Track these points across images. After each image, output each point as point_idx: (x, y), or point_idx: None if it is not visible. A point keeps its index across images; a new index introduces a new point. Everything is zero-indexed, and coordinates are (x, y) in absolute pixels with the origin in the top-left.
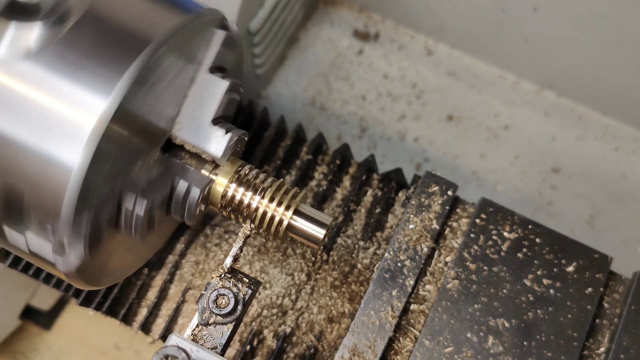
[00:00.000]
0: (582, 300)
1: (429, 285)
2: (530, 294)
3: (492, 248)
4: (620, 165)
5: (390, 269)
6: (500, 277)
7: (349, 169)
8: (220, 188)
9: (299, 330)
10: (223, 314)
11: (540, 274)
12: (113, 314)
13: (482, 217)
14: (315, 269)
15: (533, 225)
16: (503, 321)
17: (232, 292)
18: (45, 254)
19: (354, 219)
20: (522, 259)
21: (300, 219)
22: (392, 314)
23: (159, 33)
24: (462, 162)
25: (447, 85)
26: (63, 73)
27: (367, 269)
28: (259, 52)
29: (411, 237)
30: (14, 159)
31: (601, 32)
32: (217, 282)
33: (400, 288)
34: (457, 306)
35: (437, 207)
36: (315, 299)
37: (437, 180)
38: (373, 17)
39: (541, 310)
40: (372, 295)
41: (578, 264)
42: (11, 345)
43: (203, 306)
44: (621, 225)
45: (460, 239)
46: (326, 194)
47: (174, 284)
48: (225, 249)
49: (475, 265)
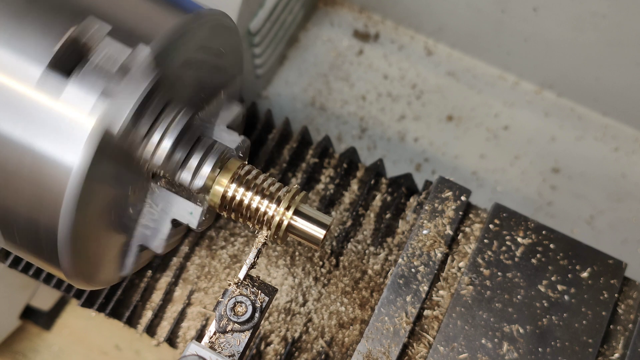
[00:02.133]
0: (596, 306)
1: (442, 291)
2: (544, 300)
3: (506, 254)
4: (620, 166)
5: (404, 274)
6: (514, 283)
7: (357, 172)
8: (220, 188)
9: (308, 335)
10: (241, 322)
11: (555, 279)
12: (117, 315)
13: (495, 222)
14: (324, 274)
15: (547, 231)
16: (518, 327)
17: (250, 299)
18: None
19: (363, 223)
20: (536, 264)
21: (300, 219)
22: (407, 320)
23: (159, 33)
24: (462, 162)
25: (447, 85)
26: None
27: (378, 275)
28: (259, 53)
29: (425, 242)
30: (13, 158)
31: (601, 32)
32: (234, 289)
33: (414, 294)
34: (471, 312)
35: (450, 213)
36: (325, 305)
37: (451, 185)
38: (373, 17)
39: (556, 316)
40: (386, 301)
41: (592, 270)
42: (11, 346)
43: (220, 314)
44: (621, 226)
45: (473, 244)
46: (333, 198)
47: (178, 287)
48: (231, 252)
49: (489, 271)
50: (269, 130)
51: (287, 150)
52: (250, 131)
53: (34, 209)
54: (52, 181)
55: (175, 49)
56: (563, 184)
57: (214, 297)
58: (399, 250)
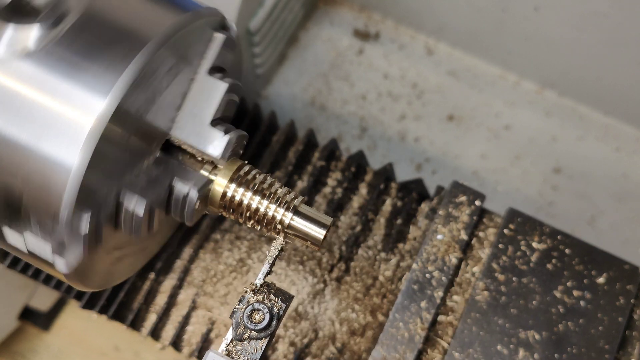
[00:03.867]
0: (613, 312)
1: (457, 296)
2: (560, 306)
3: (521, 259)
4: (622, 166)
5: (419, 280)
6: (529, 289)
7: (365, 176)
8: (219, 188)
9: (318, 341)
10: (258, 329)
11: (571, 285)
12: (120, 318)
13: (510, 227)
14: (334, 279)
15: (562, 236)
16: (533, 333)
17: (267, 306)
18: (44, 255)
19: (373, 228)
20: (552, 270)
21: (300, 219)
22: (422, 326)
23: (158, 32)
24: (463, 162)
25: (447, 85)
26: (62, 72)
27: (390, 281)
28: (259, 52)
29: (439, 247)
30: (13, 158)
31: (602, 31)
32: (251, 296)
33: (429, 299)
34: (487, 318)
35: (465, 218)
36: (336, 311)
37: (465, 190)
38: (373, 16)
39: (572, 322)
40: (400, 307)
41: (608, 275)
42: (10, 346)
43: (237, 321)
44: (622, 226)
45: (487, 249)
46: (342, 202)
47: (183, 289)
48: (237, 256)
49: (504, 276)
50: (272, 132)
51: (293, 153)
52: (252, 133)
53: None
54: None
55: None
56: (564, 184)
57: (220, 301)
58: (411, 256)
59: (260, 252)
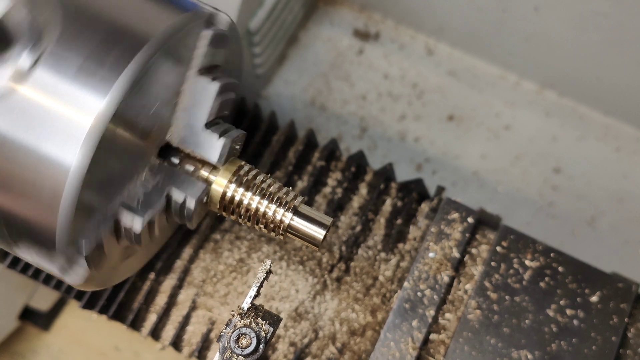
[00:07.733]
0: (606, 331)
1: (449, 314)
2: (553, 325)
3: (514, 277)
4: (622, 166)
5: (410, 298)
6: (522, 307)
7: (365, 176)
8: (219, 188)
9: (318, 341)
10: (245, 355)
11: (564, 303)
12: (120, 318)
13: (503, 245)
14: (333, 278)
15: (555, 254)
16: (526, 353)
17: (254, 330)
18: (53, 273)
19: (373, 228)
20: (545, 288)
21: (300, 219)
22: (413, 345)
23: (157, 32)
24: (463, 162)
25: (447, 85)
26: (62, 73)
27: (390, 282)
28: (259, 52)
29: (431, 266)
30: (13, 158)
31: (603, 31)
32: (238, 319)
33: (420, 318)
34: (479, 337)
35: (457, 235)
36: (336, 311)
37: (457, 206)
38: (373, 16)
39: (565, 341)
40: (392, 326)
41: (602, 294)
42: (10, 346)
43: (224, 346)
44: (622, 226)
45: (480, 266)
46: (342, 202)
47: (183, 290)
48: (237, 256)
49: (496, 294)
50: (272, 132)
51: (293, 153)
52: (252, 133)
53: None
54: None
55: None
56: (564, 184)
57: (220, 301)
58: (411, 256)
59: (260, 252)
